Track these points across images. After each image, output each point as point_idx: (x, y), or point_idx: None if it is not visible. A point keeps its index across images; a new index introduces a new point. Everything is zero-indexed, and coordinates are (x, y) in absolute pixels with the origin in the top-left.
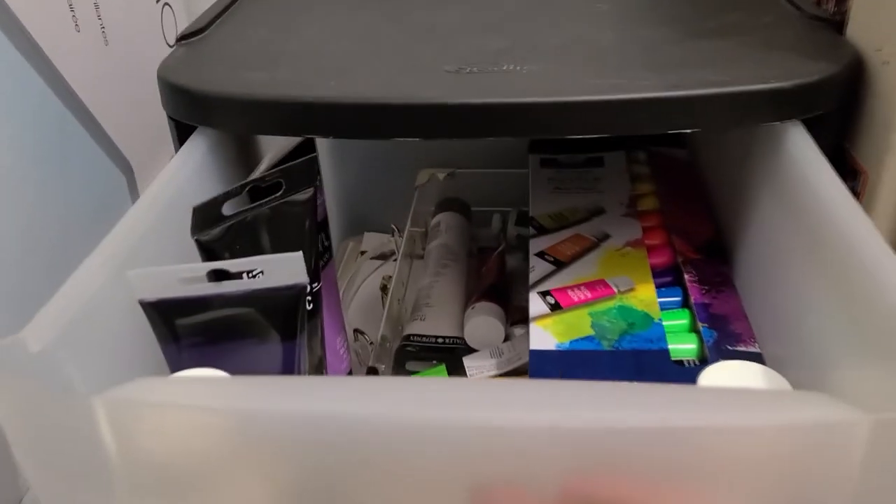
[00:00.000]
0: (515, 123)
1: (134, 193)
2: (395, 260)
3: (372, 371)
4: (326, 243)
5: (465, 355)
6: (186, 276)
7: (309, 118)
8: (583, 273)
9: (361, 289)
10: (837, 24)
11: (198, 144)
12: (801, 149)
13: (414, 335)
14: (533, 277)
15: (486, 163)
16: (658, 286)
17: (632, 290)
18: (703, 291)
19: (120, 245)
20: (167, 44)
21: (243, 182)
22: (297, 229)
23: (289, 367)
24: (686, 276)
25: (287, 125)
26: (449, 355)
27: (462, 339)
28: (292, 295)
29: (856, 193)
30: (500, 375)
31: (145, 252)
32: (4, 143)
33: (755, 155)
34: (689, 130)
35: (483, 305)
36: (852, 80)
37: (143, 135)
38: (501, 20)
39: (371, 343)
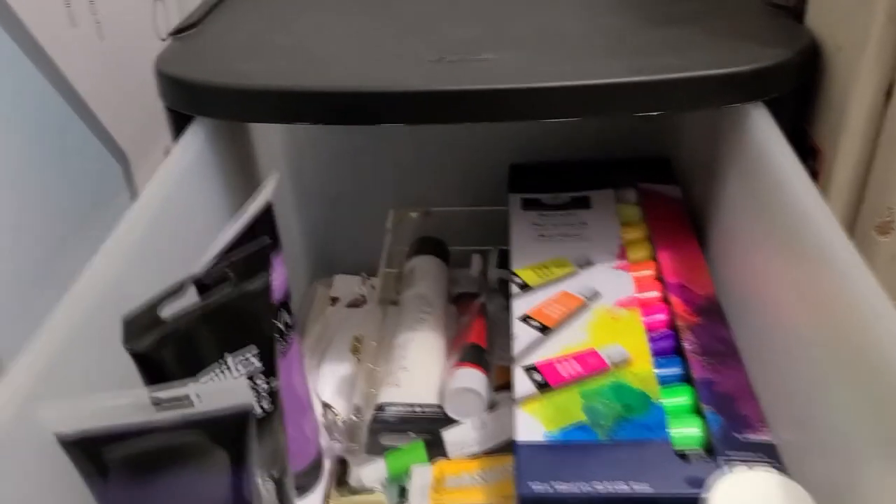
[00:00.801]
0: (492, 109)
1: (130, 183)
2: (367, 308)
3: (343, 465)
4: (289, 321)
5: (445, 426)
6: (107, 406)
7: (299, 105)
8: (572, 340)
9: (333, 345)
10: (797, 12)
11: (196, 133)
12: (762, 129)
13: (388, 404)
14: (517, 348)
15: (463, 200)
16: (655, 354)
17: (626, 362)
18: (706, 365)
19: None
20: (160, 38)
21: (182, 280)
22: (251, 324)
23: (239, 497)
24: (686, 346)
25: (279, 112)
26: (428, 426)
27: (442, 406)
28: (237, 421)
29: (814, 172)
30: (484, 453)
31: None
32: (2, 136)
33: (722, 140)
34: (654, 113)
35: (463, 372)
36: (808, 65)
37: (139, 126)
38: (482, 12)
39: (339, 417)
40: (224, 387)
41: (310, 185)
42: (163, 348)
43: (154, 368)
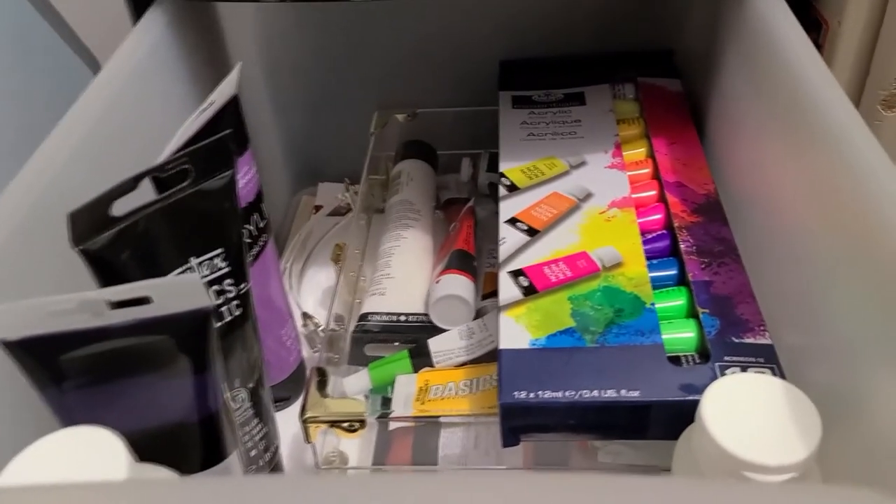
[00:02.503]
0: None
1: None
2: (351, 216)
3: (321, 373)
4: (261, 224)
5: (431, 335)
6: (54, 309)
7: None
8: (561, 243)
9: (315, 253)
10: None
11: (156, 16)
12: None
13: (372, 313)
14: (503, 252)
15: (451, 100)
16: (650, 256)
17: (619, 265)
18: (703, 265)
19: None
20: None
21: (136, 174)
22: (215, 225)
23: (203, 403)
24: (682, 246)
25: None
26: (413, 335)
27: (427, 314)
28: (196, 321)
29: (818, 46)
30: (471, 361)
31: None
32: None
33: (725, 18)
34: None
35: (449, 279)
36: None
37: (110, 27)
38: None
39: (320, 327)
40: (179, 286)
41: (288, 90)
42: (119, 249)
43: (110, 272)
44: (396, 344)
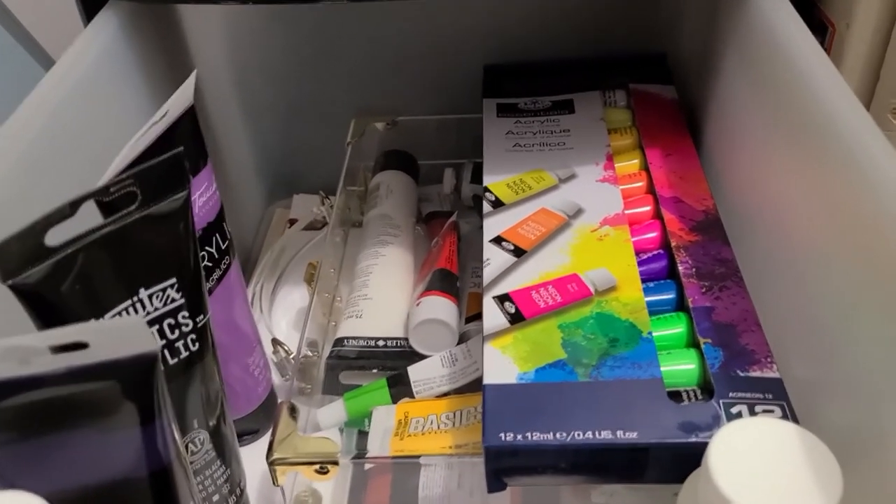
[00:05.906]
0: None
1: None
2: (326, 231)
3: (291, 409)
4: (224, 245)
5: (411, 361)
6: None
7: None
8: (551, 264)
9: (288, 272)
10: None
11: (107, 20)
12: (769, 1)
13: (348, 338)
14: (488, 275)
15: (433, 108)
16: (645, 278)
17: (613, 289)
18: (703, 290)
19: None
20: None
21: (75, 198)
22: (166, 250)
23: (152, 455)
24: (681, 268)
25: None
26: (392, 362)
27: (407, 339)
28: (141, 367)
29: (823, 50)
30: (454, 391)
31: None
32: None
33: (725, 21)
34: None
35: (431, 301)
36: None
37: (64, 26)
38: None
39: (291, 354)
40: (121, 329)
41: (259, 95)
42: (56, 283)
43: (47, 309)
44: (374, 371)
